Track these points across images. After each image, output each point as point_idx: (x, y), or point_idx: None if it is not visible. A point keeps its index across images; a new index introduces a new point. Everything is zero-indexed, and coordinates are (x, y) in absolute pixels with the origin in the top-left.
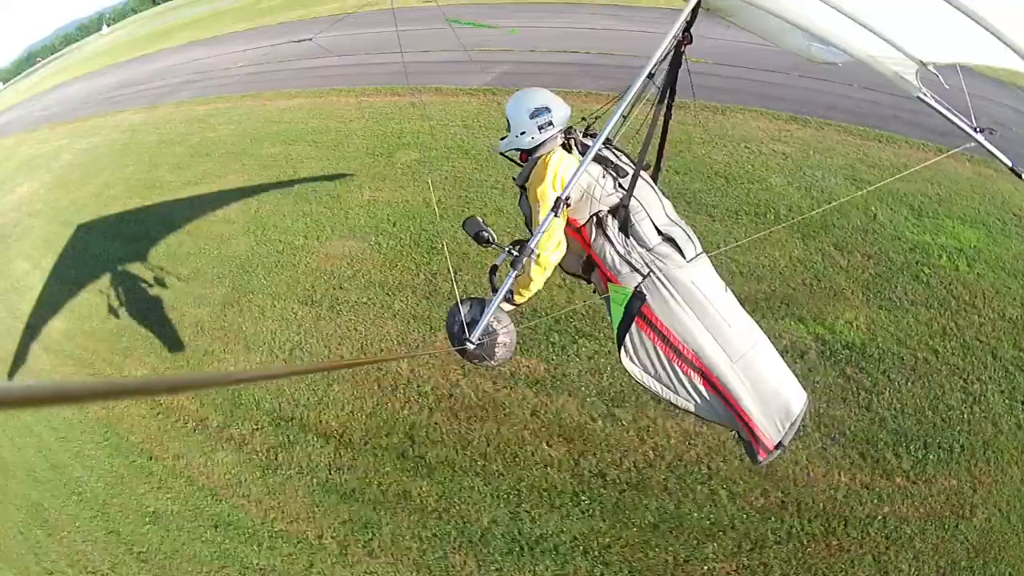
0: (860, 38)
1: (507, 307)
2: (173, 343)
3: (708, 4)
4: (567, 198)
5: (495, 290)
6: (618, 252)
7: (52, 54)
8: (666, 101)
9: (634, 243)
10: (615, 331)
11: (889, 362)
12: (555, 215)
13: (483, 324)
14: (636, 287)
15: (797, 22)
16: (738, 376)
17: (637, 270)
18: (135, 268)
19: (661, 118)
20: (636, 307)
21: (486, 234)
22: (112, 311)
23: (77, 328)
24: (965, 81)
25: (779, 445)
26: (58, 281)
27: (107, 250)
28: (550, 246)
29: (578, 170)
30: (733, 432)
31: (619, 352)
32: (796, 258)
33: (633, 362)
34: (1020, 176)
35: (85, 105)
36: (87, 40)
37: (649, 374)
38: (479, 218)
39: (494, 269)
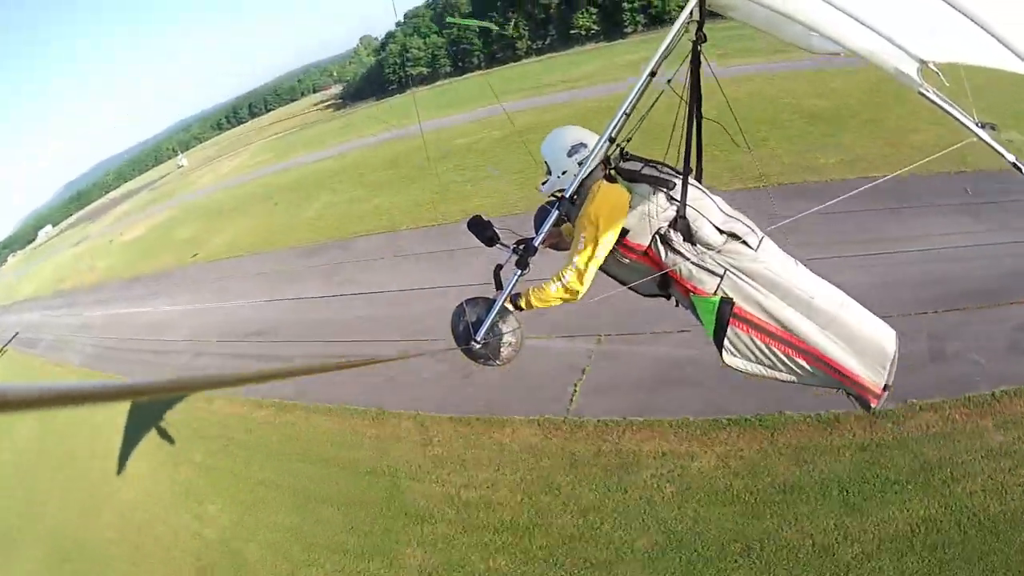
0: (860, 33)
1: (511, 307)
2: None
3: (711, 0)
4: (572, 197)
5: (500, 290)
6: (692, 262)
7: (104, 192)
8: (687, 105)
9: (702, 248)
10: (712, 337)
11: None
12: (558, 211)
13: (487, 324)
14: (719, 291)
15: (798, 18)
16: (831, 340)
17: (714, 272)
18: None
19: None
20: (727, 312)
21: (491, 233)
22: None
23: None
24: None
25: (886, 387)
26: None
27: None
28: (586, 279)
29: (583, 165)
30: (840, 391)
31: (721, 355)
32: None
33: (735, 357)
34: (1021, 171)
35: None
36: (164, 178)
37: (752, 362)
38: (485, 217)
39: (499, 268)
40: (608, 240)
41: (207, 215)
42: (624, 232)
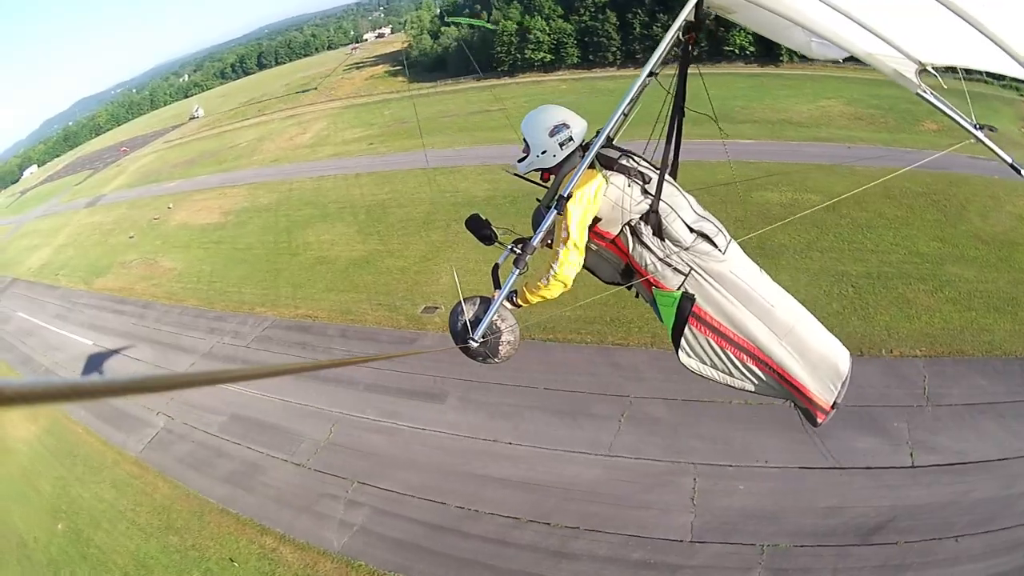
0: (860, 36)
1: (510, 305)
2: None
3: (710, 2)
4: (569, 195)
5: (498, 288)
6: (658, 257)
7: (93, 134)
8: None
9: (670, 245)
10: (670, 334)
11: None
12: (557, 212)
13: (486, 322)
14: (682, 288)
15: (797, 20)
16: (787, 351)
17: (678, 270)
18: None
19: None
20: (687, 309)
21: (489, 232)
22: None
23: None
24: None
25: (834, 405)
26: None
27: None
28: (572, 262)
29: (580, 165)
30: (789, 403)
31: (677, 353)
32: None
33: (691, 357)
34: (1020, 173)
35: None
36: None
37: (707, 365)
38: (482, 216)
39: (496, 267)
40: (586, 226)
41: (354, 219)
42: (596, 220)
